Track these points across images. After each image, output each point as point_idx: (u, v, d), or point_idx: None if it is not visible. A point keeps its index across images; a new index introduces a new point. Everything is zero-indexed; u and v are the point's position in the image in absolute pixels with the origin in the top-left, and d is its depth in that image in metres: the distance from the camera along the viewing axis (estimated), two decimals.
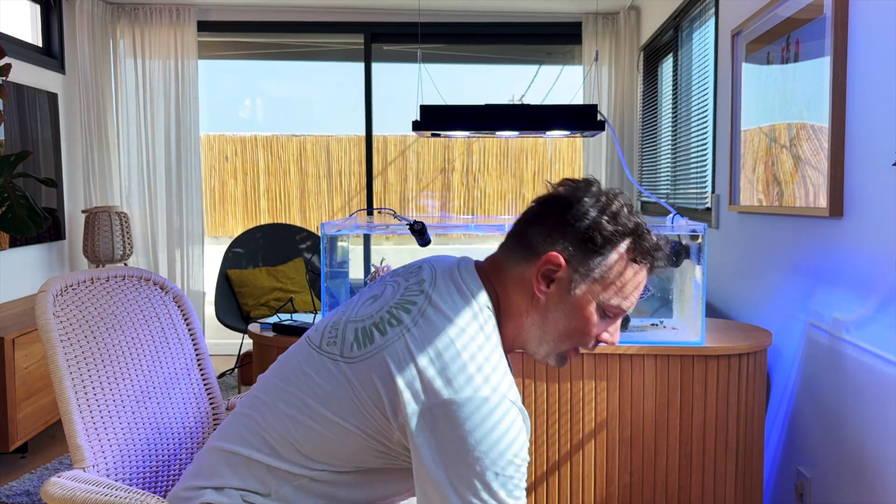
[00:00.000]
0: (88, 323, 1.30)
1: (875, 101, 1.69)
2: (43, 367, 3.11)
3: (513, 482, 1.01)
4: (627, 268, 1.10)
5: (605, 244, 1.08)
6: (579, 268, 1.08)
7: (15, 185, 3.02)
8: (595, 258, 1.08)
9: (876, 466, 1.70)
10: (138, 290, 1.41)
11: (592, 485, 1.91)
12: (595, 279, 1.09)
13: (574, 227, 1.08)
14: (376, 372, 1.05)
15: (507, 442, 1.00)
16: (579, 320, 1.10)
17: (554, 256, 1.08)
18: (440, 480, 1.00)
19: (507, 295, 1.13)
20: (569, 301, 1.09)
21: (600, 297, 1.10)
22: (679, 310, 2.10)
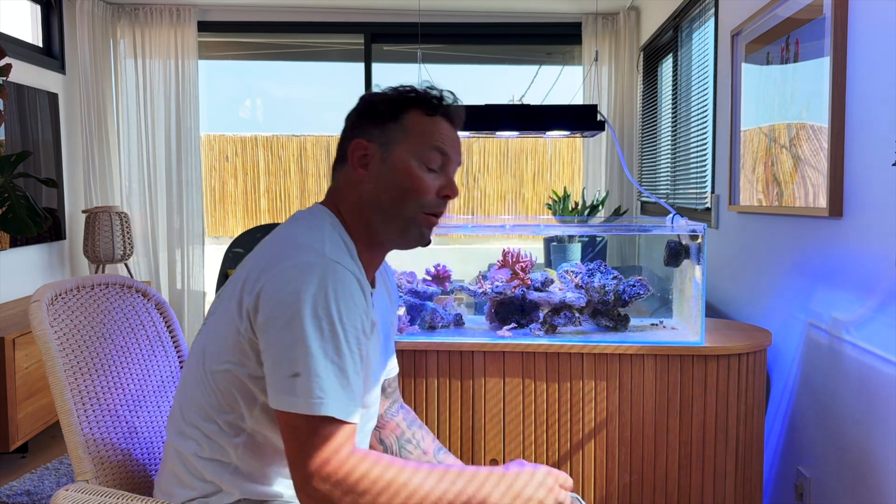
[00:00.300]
0: (80, 332, 1.29)
1: (875, 101, 1.70)
2: (43, 367, 3.11)
3: (340, 333, 1.04)
4: (424, 120, 1.20)
5: (394, 110, 1.19)
6: (382, 139, 1.19)
7: (15, 185, 3.02)
8: (390, 125, 1.19)
9: (876, 466, 1.70)
10: (122, 298, 1.39)
11: (592, 485, 1.91)
12: (400, 141, 1.18)
13: (364, 115, 1.21)
14: (225, 295, 1.14)
15: (325, 291, 1.05)
16: (406, 178, 1.18)
17: (357, 142, 1.19)
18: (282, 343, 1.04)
19: (346, 204, 1.21)
20: (389, 169, 1.18)
21: (414, 153, 1.18)
22: (679, 310, 2.10)
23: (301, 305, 1.03)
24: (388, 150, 1.18)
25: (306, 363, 1.02)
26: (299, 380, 1.01)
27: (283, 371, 1.03)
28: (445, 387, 1.91)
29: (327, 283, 1.05)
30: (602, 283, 1.96)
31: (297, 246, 1.10)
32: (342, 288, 1.06)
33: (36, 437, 3.21)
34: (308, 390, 1.01)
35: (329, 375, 1.02)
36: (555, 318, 1.97)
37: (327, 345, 1.03)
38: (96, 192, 4.51)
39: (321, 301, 1.04)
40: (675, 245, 2.01)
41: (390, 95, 1.22)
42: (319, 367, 1.02)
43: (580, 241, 3.57)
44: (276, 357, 1.04)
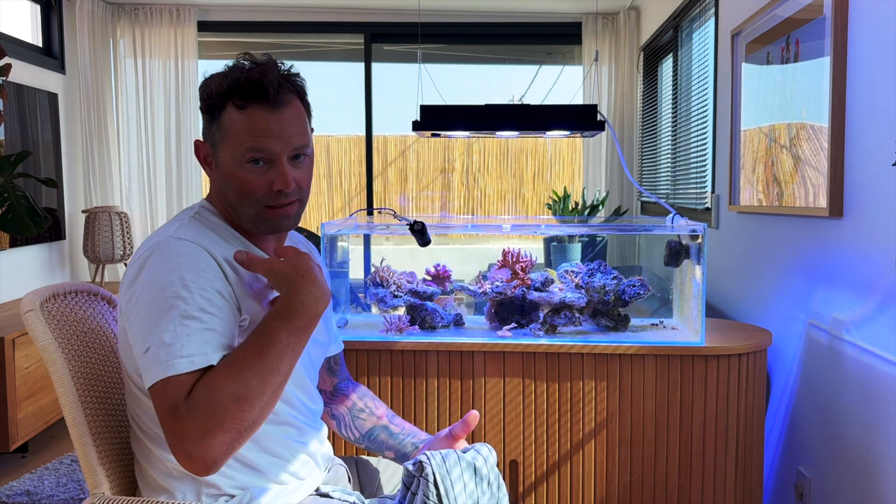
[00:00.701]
0: (69, 341, 1.26)
1: (875, 101, 1.70)
2: (43, 367, 3.11)
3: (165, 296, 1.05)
4: (237, 118, 1.15)
5: (213, 109, 1.17)
6: (211, 139, 1.19)
7: (15, 185, 3.02)
8: (213, 125, 1.18)
9: (876, 466, 1.70)
10: (93, 306, 1.36)
11: (592, 485, 1.91)
12: (220, 142, 1.17)
13: (201, 111, 1.20)
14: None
15: (160, 266, 1.07)
16: (234, 181, 1.16)
17: (196, 142, 1.22)
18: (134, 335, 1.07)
19: (213, 197, 1.24)
20: (220, 172, 1.18)
21: (233, 153, 1.15)
22: (679, 310, 2.10)
23: (146, 285, 1.07)
24: (216, 152, 1.19)
25: (151, 337, 1.03)
26: (148, 353, 1.03)
27: (138, 351, 1.05)
28: (445, 387, 1.91)
29: (169, 259, 1.08)
30: (602, 283, 1.96)
31: (148, 240, 1.16)
32: (184, 260, 1.08)
33: (36, 437, 3.21)
34: (155, 358, 1.02)
35: (173, 339, 1.02)
36: (555, 318, 1.97)
37: (170, 312, 1.03)
38: (96, 192, 4.51)
39: (165, 275, 1.07)
40: (676, 245, 2.01)
41: (208, 90, 1.18)
42: (162, 335, 1.02)
43: (580, 241, 3.57)
44: (135, 340, 1.07)
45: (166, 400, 0.99)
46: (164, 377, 1.00)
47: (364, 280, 2.14)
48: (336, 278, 2.11)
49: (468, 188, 6.18)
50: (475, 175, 6.18)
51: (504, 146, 6.14)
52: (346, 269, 2.20)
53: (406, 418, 1.90)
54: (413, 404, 1.91)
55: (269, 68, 1.17)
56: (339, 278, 2.14)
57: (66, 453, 3.04)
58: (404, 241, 1.97)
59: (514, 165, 6.20)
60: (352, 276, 2.24)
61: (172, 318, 1.03)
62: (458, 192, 6.18)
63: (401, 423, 1.46)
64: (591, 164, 4.78)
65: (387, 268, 2.06)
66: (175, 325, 1.02)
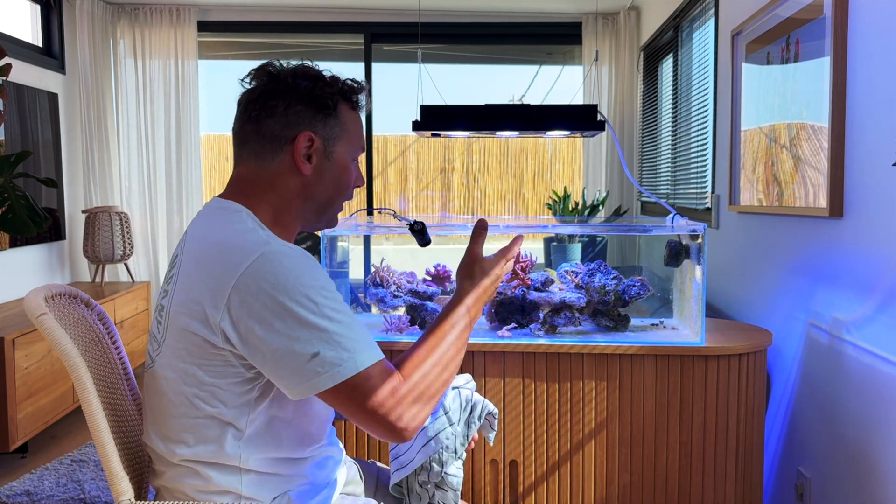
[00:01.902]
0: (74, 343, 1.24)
1: (875, 101, 1.69)
2: (43, 367, 3.11)
3: (312, 301, 1.06)
4: (353, 116, 1.24)
5: (334, 101, 1.20)
6: (325, 133, 1.19)
7: (15, 185, 3.02)
8: (332, 121, 1.20)
9: (876, 466, 1.70)
10: (76, 310, 1.36)
11: (592, 485, 1.91)
12: (339, 137, 1.21)
13: (304, 105, 1.18)
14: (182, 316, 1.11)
15: (290, 273, 1.06)
16: (344, 177, 1.23)
17: (305, 136, 1.18)
18: (277, 343, 1.05)
19: (271, 195, 1.19)
20: (331, 166, 1.21)
21: (349, 149, 1.23)
22: (679, 310, 2.10)
23: (280, 298, 1.04)
24: (332, 146, 1.20)
25: (314, 343, 1.05)
26: (318, 358, 1.04)
27: (301, 360, 1.05)
28: None
29: (284, 268, 1.06)
30: (602, 283, 1.96)
31: (237, 249, 1.09)
32: (294, 264, 1.08)
33: (36, 437, 3.21)
34: (329, 362, 1.05)
35: (337, 340, 1.06)
36: (555, 319, 1.97)
37: (319, 317, 1.05)
38: (96, 192, 4.51)
39: (288, 287, 1.05)
40: (676, 245, 2.01)
41: (320, 84, 1.19)
42: (326, 338, 1.05)
43: (580, 241, 3.57)
44: (285, 353, 1.05)
45: (369, 389, 1.06)
46: (355, 375, 1.05)
47: (364, 280, 2.14)
48: (336, 278, 2.10)
49: (468, 188, 6.18)
50: (475, 175, 6.17)
51: (504, 146, 6.14)
52: (346, 270, 2.20)
53: None
54: None
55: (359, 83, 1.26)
56: (339, 278, 2.14)
57: (65, 453, 3.04)
58: (404, 241, 1.97)
59: (514, 165, 6.20)
60: (352, 276, 2.24)
61: (330, 318, 1.06)
62: (458, 192, 6.18)
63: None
64: (591, 164, 4.78)
65: (387, 268, 2.06)
66: (336, 324, 1.06)
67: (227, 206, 1.18)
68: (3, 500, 2.59)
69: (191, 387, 1.11)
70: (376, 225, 2.39)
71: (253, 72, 1.22)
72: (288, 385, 1.06)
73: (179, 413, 1.13)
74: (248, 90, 1.22)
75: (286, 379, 1.06)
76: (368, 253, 4.85)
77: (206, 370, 1.10)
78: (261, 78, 1.21)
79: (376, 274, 2.06)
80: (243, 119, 1.21)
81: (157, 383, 1.17)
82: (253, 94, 1.20)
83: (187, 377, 1.11)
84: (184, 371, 1.11)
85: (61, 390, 3.26)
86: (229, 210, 1.17)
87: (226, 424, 1.12)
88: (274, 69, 1.21)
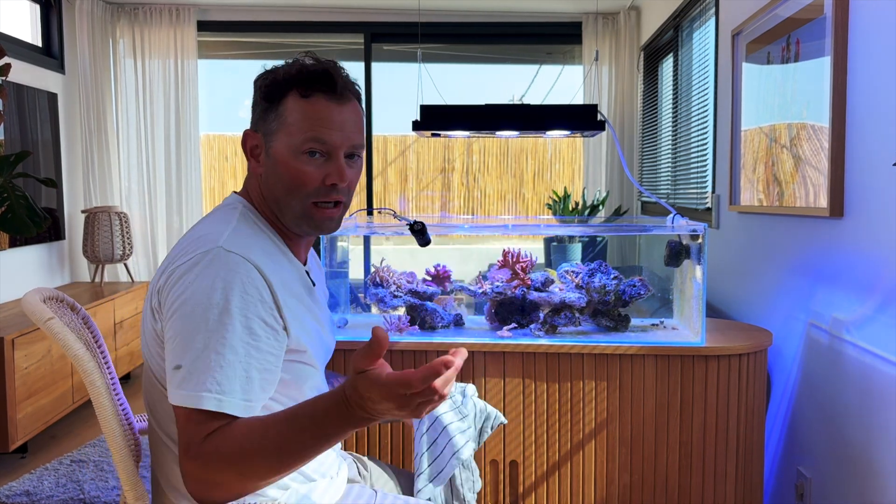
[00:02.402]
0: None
1: (875, 101, 1.69)
2: (42, 367, 3.11)
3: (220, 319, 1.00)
4: (300, 105, 1.12)
5: (273, 96, 1.14)
6: (264, 129, 1.15)
7: (15, 185, 3.02)
8: (270, 114, 1.14)
9: (876, 466, 1.69)
10: (62, 312, 1.36)
11: (592, 485, 1.91)
12: (276, 131, 1.13)
13: (258, 100, 1.16)
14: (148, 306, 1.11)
15: (219, 283, 1.02)
16: (287, 172, 1.13)
17: (246, 133, 1.18)
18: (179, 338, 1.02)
19: (253, 194, 1.20)
20: (273, 162, 1.14)
21: (291, 142, 1.12)
22: (679, 310, 2.10)
23: (188, 297, 1.02)
24: (270, 142, 1.15)
25: (184, 356, 1.00)
26: (179, 372, 0.99)
27: (169, 362, 1.02)
28: None
29: (217, 274, 1.02)
30: (602, 284, 1.96)
31: (196, 240, 1.09)
32: (232, 278, 1.03)
33: (35, 437, 3.20)
34: (186, 381, 0.98)
35: (206, 367, 0.98)
36: (555, 319, 1.97)
37: (209, 336, 0.99)
38: (96, 192, 4.51)
39: (209, 292, 1.01)
40: (676, 245, 2.01)
41: (270, 78, 1.16)
42: (196, 359, 0.99)
43: (580, 241, 3.57)
44: (169, 350, 1.03)
45: (186, 429, 0.98)
46: (189, 407, 0.98)
47: (364, 280, 2.14)
48: (336, 278, 2.10)
49: (468, 188, 6.18)
50: (475, 175, 6.17)
51: (504, 146, 6.14)
52: (345, 270, 2.20)
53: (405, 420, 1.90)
54: None
55: (335, 64, 1.17)
56: (339, 278, 2.14)
57: (65, 454, 3.04)
58: (404, 241, 1.97)
59: (514, 165, 6.20)
60: (352, 276, 2.23)
61: (210, 342, 0.99)
62: (458, 192, 6.18)
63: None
64: (592, 164, 4.78)
65: (387, 268, 2.06)
66: (211, 352, 0.98)
67: (232, 201, 1.21)
68: (3, 500, 2.59)
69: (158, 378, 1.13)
70: (376, 225, 2.39)
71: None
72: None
73: (160, 402, 1.14)
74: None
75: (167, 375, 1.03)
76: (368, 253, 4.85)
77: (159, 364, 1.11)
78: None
79: (376, 274, 2.06)
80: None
81: (145, 382, 1.19)
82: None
83: (154, 368, 1.13)
84: (158, 367, 1.13)
85: (61, 390, 3.26)
86: (229, 206, 1.20)
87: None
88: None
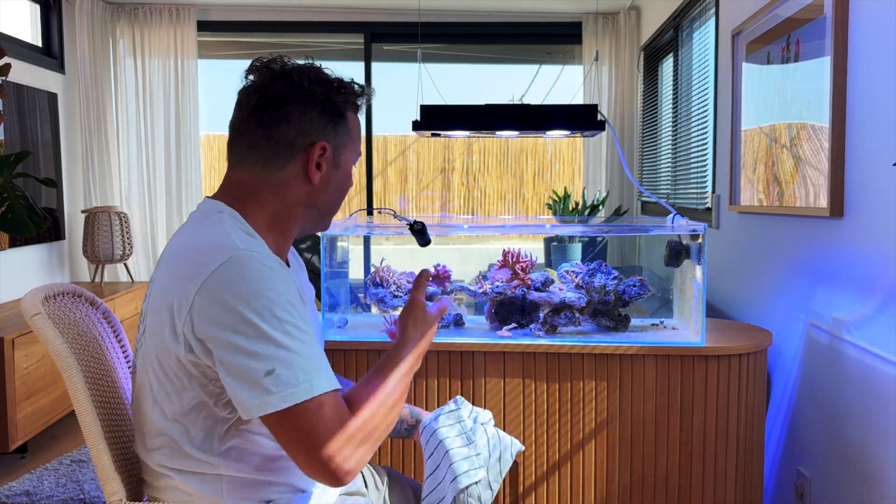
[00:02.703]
0: (70, 344, 1.24)
1: (875, 101, 1.69)
2: (42, 367, 3.11)
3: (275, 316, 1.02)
4: (356, 120, 1.24)
5: (344, 108, 1.19)
6: (337, 143, 1.18)
7: (15, 185, 3.02)
8: (341, 129, 1.19)
9: (876, 466, 1.69)
10: (79, 308, 1.34)
11: (592, 485, 1.91)
12: (346, 144, 1.20)
13: (318, 112, 1.15)
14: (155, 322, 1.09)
15: (257, 282, 1.02)
16: (348, 184, 1.24)
17: (321, 144, 1.16)
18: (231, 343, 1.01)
19: (271, 202, 1.16)
20: (338, 175, 1.20)
21: (353, 156, 1.23)
22: (679, 310, 2.10)
23: (241, 309, 1.00)
24: (340, 155, 1.19)
25: (273, 358, 1.00)
26: (272, 376, 0.99)
27: (255, 376, 0.99)
28: (445, 387, 1.91)
29: (251, 276, 1.02)
30: (602, 283, 1.96)
31: (207, 252, 1.05)
32: (263, 274, 1.03)
33: (35, 437, 3.20)
34: (284, 382, 0.99)
35: (295, 361, 1.01)
36: (555, 319, 1.97)
37: (281, 334, 1.01)
38: (96, 192, 4.51)
39: (252, 296, 1.01)
40: (676, 245, 2.01)
41: (340, 89, 1.17)
42: (284, 357, 1.00)
43: (580, 241, 3.57)
44: (240, 367, 1.00)
45: (302, 424, 1.00)
46: (311, 396, 1.00)
47: (364, 280, 2.14)
48: (336, 278, 2.10)
49: (468, 188, 6.18)
50: (475, 175, 6.17)
51: (504, 146, 6.14)
52: (345, 270, 2.20)
53: None
54: (413, 405, 1.91)
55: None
56: (339, 278, 2.14)
57: (65, 454, 3.04)
58: (404, 241, 1.97)
59: (514, 165, 6.20)
60: (352, 276, 2.23)
61: (291, 334, 1.02)
62: (458, 192, 6.18)
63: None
64: (592, 164, 4.78)
65: (387, 268, 2.06)
66: (298, 341, 1.02)
67: (212, 207, 1.14)
68: (3, 501, 2.59)
69: (165, 395, 1.10)
70: (376, 225, 2.39)
71: (257, 67, 1.17)
72: (241, 403, 1.01)
73: (154, 420, 1.12)
74: (255, 88, 1.16)
75: (239, 395, 1.01)
76: (368, 253, 4.85)
77: (181, 379, 1.08)
78: (272, 78, 1.15)
79: (376, 274, 2.06)
80: (251, 122, 1.15)
81: (136, 389, 1.16)
82: (265, 96, 1.14)
83: (159, 384, 1.10)
84: (156, 379, 1.10)
85: (61, 390, 3.26)
86: (212, 212, 1.13)
87: (202, 434, 1.11)
88: (282, 68, 1.16)
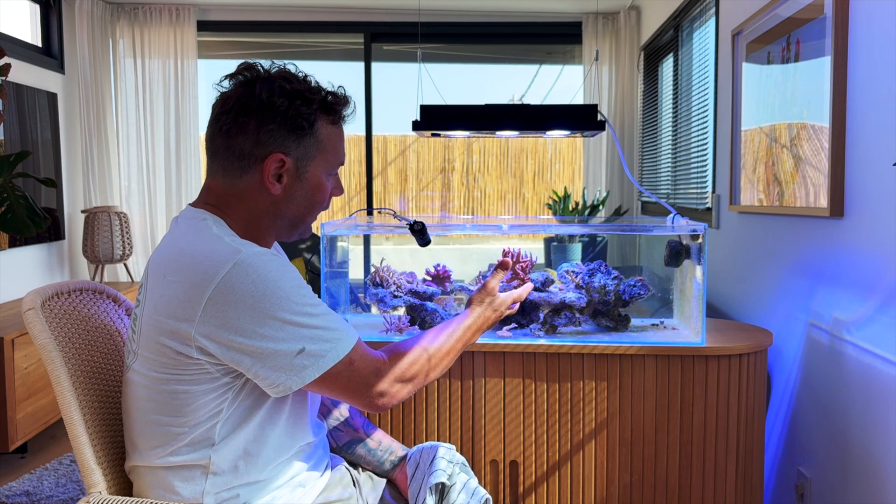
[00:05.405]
0: (71, 339, 1.26)
1: (875, 101, 1.69)
2: (42, 367, 3.11)
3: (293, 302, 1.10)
4: (332, 132, 1.21)
5: (310, 121, 1.17)
6: (298, 153, 1.17)
7: (15, 185, 3.02)
8: (307, 140, 1.17)
9: (876, 466, 1.69)
10: (97, 304, 1.35)
11: (592, 485, 1.90)
12: (314, 157, 1.19)
13: (277, 124, 1.14)
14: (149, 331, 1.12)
15: (267, 280, 1.08)
16: (317, 194, 1.22)
17: (275, 157, 1.15)
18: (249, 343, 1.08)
19: (241, 210, 1.19)
20: (303, 186, 1.20)
21: (325, 168, 1.21)
22: (679, 310, 2.10)
23: (260, 306, 1.07)
24: (305, 167, 1.18)
25: (300, 338, 1.09)
26: (303, 353, 1.09)
27: (287, 358, 1.08)
28: (445, 387, 1.91)
29: (261, 276, 1.08)
30: (602, 284, 1.96)
31: (209, 259, 1.08)
32: (270, 270, 1.09)
33: (35, 437, 3.20)
34: (315, 355, 1.10)
35: (320, 334, 1.11)
36: (555, 319, 1.97)
37: (301, 316, 1.10)
38: (95, 192, 4.51)
39: (268, 295, 1.07)
40: (676, 245, 2.01)
41: (304, 100, 1.16)
42: (309, 334, 1.10)
43: (580, 241, 3.57)
44: (271, 354, 1.08)
45: (353, 371, 1.14)
46: (340, 359, 1.12)
47: (364, 280, 2.14)
48: (336, 278, 2.10)
49: (468, 188, 6.18)
50: (475, 175, 6.17)
51: (504, 146, 6.14)
52: (345, 269, 2.19)
53: (405, 419, 1.90)
54: (413, 405, 1.91)
55: (344, 91, 1.26)
56: (339, 278, 2.14)
57: (65, 454, 3.04)
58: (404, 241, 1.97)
59: (514, 165, 6.20)
60: (352, 276, 2.23)
61: (309, 313, 1.10)
62: (458, 192, 6.18)
63: (378, 437, 1.50)
64: (592, 164, 4.78)
65: (387, 268, 2.06)
66: (316, 317, 1.11)
67: (194, 215, 1.18)
68: (3, 501, 2.59)
69: (162, 395, 1.12)
70: (376, 225, 2.39)
71: (233, 74, 1.18)
72: (273, 383, 1.09)
73: (149, 420, 1.15)
74: (223, 96, 1.17)
75: (272, 378, 1.09)
76: (368, 253, 4.85)
77: (180, 380, 1.11)
78: (237, 85, 1.17)
79: (376, 274, 2.06)
80: (214, 129, 1.17)
81: (129, 390, 1.18)
82: (226, 105, 1.16)
83: (159, 386, 1.12)
84: (156, 380, 1.12)
85: None
86: (195, 219, 1.16)
87: (196, 432, 1.13)
88: (251, 76, 1.17)
